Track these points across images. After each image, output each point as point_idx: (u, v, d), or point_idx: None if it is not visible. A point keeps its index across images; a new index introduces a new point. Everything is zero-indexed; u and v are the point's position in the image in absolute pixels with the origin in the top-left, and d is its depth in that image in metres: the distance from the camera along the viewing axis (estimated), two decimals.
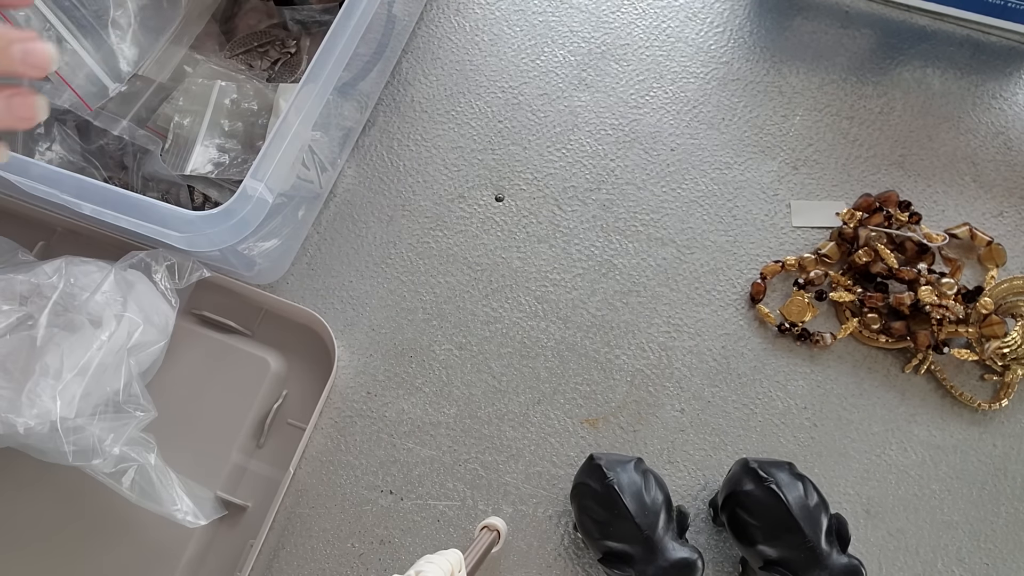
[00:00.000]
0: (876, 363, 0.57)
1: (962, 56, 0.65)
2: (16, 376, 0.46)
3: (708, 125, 0.63)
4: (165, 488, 0.49)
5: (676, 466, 0.55)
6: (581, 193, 0.62)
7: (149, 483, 0.49)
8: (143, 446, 0.49)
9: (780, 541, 0.46)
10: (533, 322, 0.59)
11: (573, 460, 0.55)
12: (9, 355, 0.47)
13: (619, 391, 0.57)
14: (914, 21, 0.66)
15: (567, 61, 0.66)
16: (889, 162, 0.62)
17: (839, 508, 0.53)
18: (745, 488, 0.48)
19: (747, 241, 0.60)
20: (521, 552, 0.53)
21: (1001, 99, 0.63)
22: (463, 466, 0.55)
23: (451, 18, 0.68)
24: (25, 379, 0.46)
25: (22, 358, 0.47)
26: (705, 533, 0.53)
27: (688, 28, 0.67)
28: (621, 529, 0.47)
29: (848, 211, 0.59)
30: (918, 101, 0.63)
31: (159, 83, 0.58)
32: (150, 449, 0.50)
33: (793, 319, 0.57)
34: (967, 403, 0.55)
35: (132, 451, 0.48)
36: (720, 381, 0.57)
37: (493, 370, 0.58)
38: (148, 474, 0.49)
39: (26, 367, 0.46)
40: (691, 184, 0.62)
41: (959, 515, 0.53)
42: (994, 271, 0.57)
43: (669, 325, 0.58)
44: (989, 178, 0.61)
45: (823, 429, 0.55)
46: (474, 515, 0.54)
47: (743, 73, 0.65)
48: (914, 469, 0.54)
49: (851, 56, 0.65)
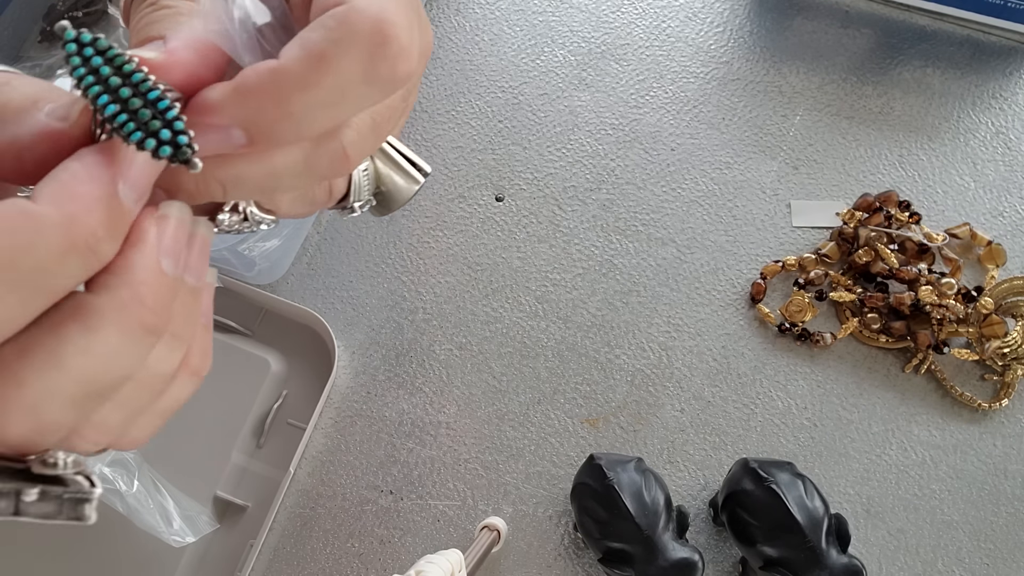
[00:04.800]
0: (876, 363, 0.57)
1: (962, 56, 0.65)
2: None
3: (708, 125, 0.63)
4: (148, 513, 0.49)
5: (676, 466, 0.55)
6: (581, 193, 0.62)
7: (131, 509, 0.49)
8: (125, 468, 0.49)
9: (780, 541, 0.46)
10: (533, 322, 0.59)
11: (573, 460, 0.55)
12: None
13: (619, 391, 0.57)
14: (914, 21, 0.66)
15: (567, 61, 0.66)
16: (889, 162, 0.62)
17: (839, 508, 0.53)
18: (745, 488, 0.48)
19: (747, 241, 0.60)
20: (521, 552, 0.53)
21: (1001, 99, 0.63)
22: (463, 466, 0.55)
23: (451, 18, 0.68)
24: None
25: None
26: (705, 533, 0.53)
27: (688, 28, 0.67)
28: (621, 529, 0.47)
29: (848, 211, 0.59)
30: (918, 101, 0.63)
31: None
32: (131, 473, 0.49)
33: (793, 319, 0.57)
34: (967, 403, 0.55)
35: (113, 472, 0.48)
36: (720, 381, 0.57)
37: (493, 370, 0.58)
38: (127, 502, 0.49)
39: None
40: (691, 184, 0.62)
41: (959, 515, 0.53)
42: (994, 271, 0.57)
43: (669, 325, 0.58)
44: (989, 178, 0.61)
45: (823, 429, 0.55)
46: (474, 515, 0.54)
47: (743, 73, 0.65)
48: (914, 469, 0.54)
49: (851, 56, 0.65)
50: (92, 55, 0.19)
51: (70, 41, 0.19)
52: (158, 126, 0.19)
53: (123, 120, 0.19)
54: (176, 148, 0.19)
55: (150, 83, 0.19)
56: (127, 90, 0.19)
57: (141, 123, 0.19)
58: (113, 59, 0.20)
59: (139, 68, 0.19)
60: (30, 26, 0.61)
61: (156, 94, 0.19)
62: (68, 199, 0.19)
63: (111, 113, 0.19)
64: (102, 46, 0.20)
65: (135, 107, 0.19)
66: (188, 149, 0.19)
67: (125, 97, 0.19)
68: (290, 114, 0.20)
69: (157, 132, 0.19)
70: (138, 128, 0.19)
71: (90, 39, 0.20)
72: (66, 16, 0.59)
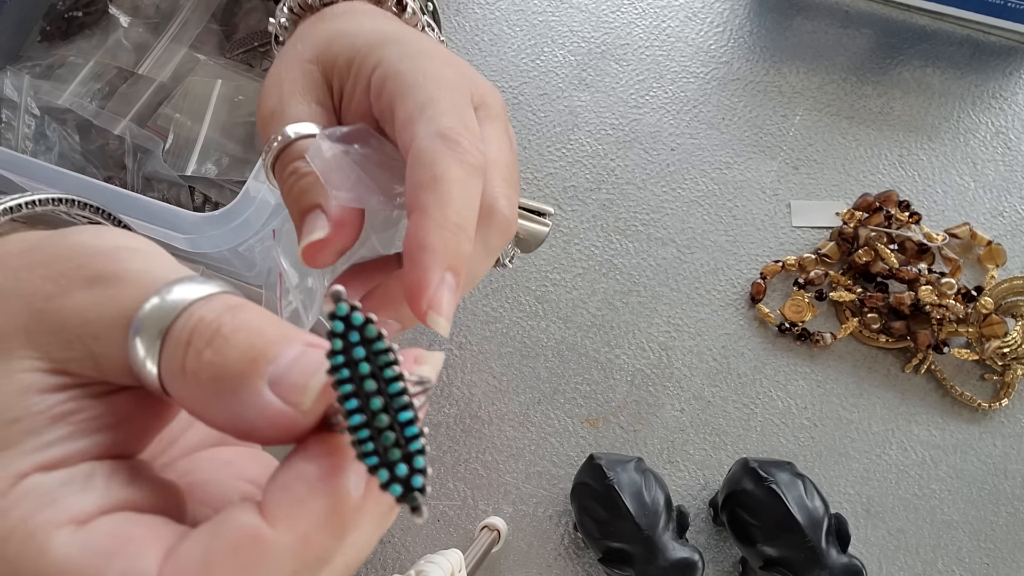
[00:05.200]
0: (876, 363, 0.57)
1: (962, 56, 0.65)
2: None
3: (708, 125, 0.63)
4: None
5: (676, 466, 0.55)
6: (581, 193, 0.62)
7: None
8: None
9: (780, 541, 0.47)
10: (533, 322, 0.59)
11: (573, 460, 0.55)
12: None
13: (619, 391, 0.57)
14: (914, 21, 0.66)
15: (567, 61, 0.66)
16: (889, 162, 0.62)
17: (839, 508, 0.53)
18: (745, 488, 0.48)
19: (747, 241, 0.60)
20: (521, 552, 0.53)
21: (1001, 99, 0.63)
22: (463, 466, 0.55)
23: (451, 18, 0.68)
24: None
25: None
26: (705, 533, 0.53)
27: (688, 28, 0.67)
28: (621, 529, 0.47)
29: (848, 211, 0.59)
30: (918, 101, 0.63)
31: (160, 83, 0.58)
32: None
33: (793, 319, 0.57)
34: (967, 403, 0.55)
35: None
36: (720, 381, 0.57)
37: (493, 370, 0.58)
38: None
39: None
40: (691, 184, 0.62)
41: (959, 514, 0.53)
42: (994, 271, 0.57)
43: (669, 325, 0.58)
44: (989, 178, 0.61)
45: (823, 429, 0.55)
46: (474, 515, 0.54)
47: (743, 73, 0.65)
48: (914, 469, 0.54)
49: (851, 56, 0.65)
50: (357, 343, 0.17)
51: (339, 319, 0.17)
52: (397, 457, 0.17)
53: (363, 437, 0.17)
54: (407, 491, 0.17)
55: (406, 400, 0.18)
56: (378, 401, 0.17)
57: (381, 447, 0.17)
58: (377, 355, 0.17)
59: (400, 376, 0.17)
60: (30, 24, 0.61)
61: (408, 416, 0.17)
62: (302, 517, 0.17)
63: (354, 425, 0.17)
64: (371, 335, 0.17)
65: (381, 426, 0.17)
66: (419, 495, 0.17)
67: (375, 410, 0.17)
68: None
69: (394, 465, 0.17)
70: (376, 452, 0.17)
71: (361, 322, 0.17)
72: (66, 16, 0.59)
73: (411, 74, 0.26)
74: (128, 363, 0.18)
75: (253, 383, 0.17)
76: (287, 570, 0.17)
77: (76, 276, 0.18)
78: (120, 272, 0.18)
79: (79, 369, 0.18)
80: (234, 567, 0.17)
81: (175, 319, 0.18)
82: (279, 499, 0.18)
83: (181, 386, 0.18)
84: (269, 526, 0.17)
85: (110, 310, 0.18)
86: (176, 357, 0.18)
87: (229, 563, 0.17)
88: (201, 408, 0.18)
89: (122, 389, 0.19)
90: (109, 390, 0.19)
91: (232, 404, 0.18)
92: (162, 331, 0.18)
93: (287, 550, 0.17)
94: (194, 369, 0.18)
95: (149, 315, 0.18)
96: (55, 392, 0.18)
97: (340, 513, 0.18)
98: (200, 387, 0.18)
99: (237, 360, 0.17)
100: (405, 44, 0.28)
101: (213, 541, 0.17)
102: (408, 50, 0.28)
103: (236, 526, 0.17)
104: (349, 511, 0.18)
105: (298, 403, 0.18)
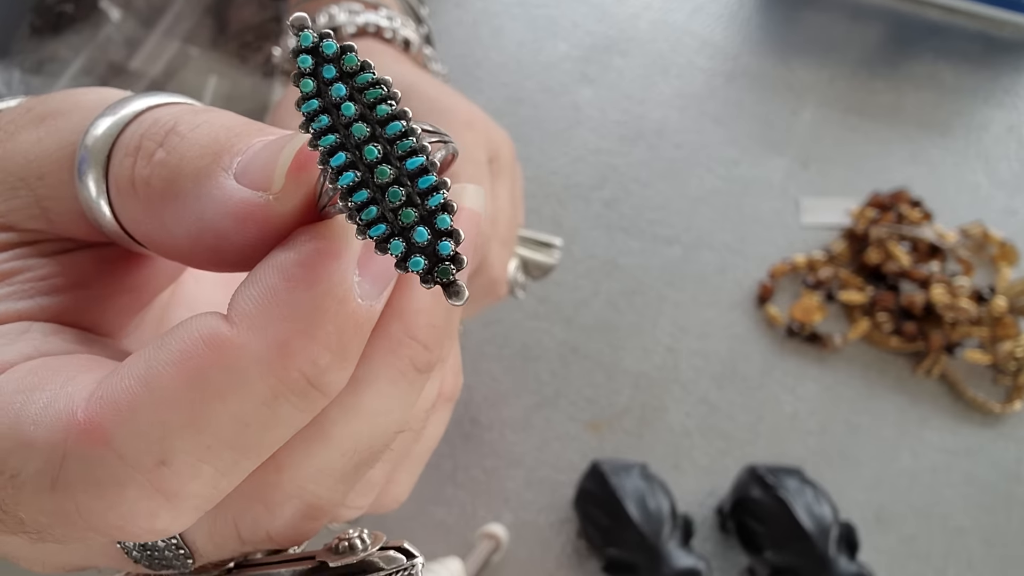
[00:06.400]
0: (887, 365, 0.56)
1: (974, 51, 0.63)
2: None
3: (715, 121, 0.62)
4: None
5: (682, 472, 0.54)
6: (584, 191, 0.61)
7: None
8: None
9: (788, 549, 0.46)
10: (535, 323, 0.58)
11: (576, 466, 0.54)
12: None
13: (623, 394, 0.56)
14: (925, 15, 0.65)
15: (570, 55, 0.65)
16: (900, 158, 0.61)
17: (849, 515, 0.52)
18: (752, 495, 0.47)
19: (755, 240, 0.59)
20: (522, 560, 0.52)
21: (1014, 94, 0.62)
22: (462, 472, 0.54)
23: (451, 11, 0.67)
24: None
25: None
26: (711, 541, 0.52)
27: (694, 21, 0.66)
28: (625, 537, 0.47)
29: (859, 209, 0.58)
30: (930, 96, 0.62)
31: (152, 78, 0.57)
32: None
33: (802, 320, 0.56)
34: (980, 406, 0.54)
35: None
36: (727, 384, 0.56)
37: (493, 373, 0.57)
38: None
39: None
40: (697, 181, 0.61)
41: (971, 521, 0.52)
42: (1007, 271, 0.57)
43: (675, 326, 0.57)
44: (1002, 175, 0.60)
45: (832, 434, 0.54)
46: (474, 522, 0.53)
47: (751, 67, 0.64)
48: (925, 474, 0.53)
49: (861, 50, 0.64)
50: (334, 78, 0.13)
51: (305, 52, 0.13)
52: (412, 218, 0.13)
53: (362, 201, 0.13)
54: (436, 262, 0.13)
55: (412, 143, 0.13)
56: (375, 149, 0.13)
57: (388, 210, 0.13)
58: (363, 89, 0.13)
59: (401, 112, 0.13)
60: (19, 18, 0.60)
61: (418, 162, 0.13)
62: (277, 316, 0.13)
63: (347, 186, 0.13)
64: (350, 66, 0.13)
65: (383, 181, 0.13)
66: (452, 265, 0.13)
67: (371, 161, 0.13)
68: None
69: (409, 231, 0.13)
70: (382, 218, 0.13)
71: (335, 51, 0.13)
72: (55, 9, 0.57)
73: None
74: (81, 208, 0.15)
75: (215, 175, 0.13)
76: (260, 388, 0.13)
77: (25, 118, 0.15)
78: (71, 105, 0.15)
79: (26, 222, 0.15)
80: (184, 383, 0.13)
81: (123, 129, 0.14)
82: (247, 293, 0.13)
83: (133, 205, 0.14)
84: (231, 327, 0.13)
85: (55, 140, 0.15)
86: (124, 168, 0.14)
87: (177, 378, 0.13)
88: (158, 228, 0.14)
89: (82, 248, 0.16)
90: (63, 248, 0.16)
91: (191, 207, 0.14)
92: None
93: (256, 359, 0.13)
94: (144, 176, 0.14)
95: (100, 138, 0.14)
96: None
97: (334, 313, 0.13)
98: (153, 197, 0.14)
99: (196, 156, 0.14)
100: (426, 100, 0.27)
101: (158, 352, 0.13)
102: (430, 107, 0.26)
103: (189, 331, 0.13)
104: (348, 311, 0.13)
105: (268, 184, 0.13)
